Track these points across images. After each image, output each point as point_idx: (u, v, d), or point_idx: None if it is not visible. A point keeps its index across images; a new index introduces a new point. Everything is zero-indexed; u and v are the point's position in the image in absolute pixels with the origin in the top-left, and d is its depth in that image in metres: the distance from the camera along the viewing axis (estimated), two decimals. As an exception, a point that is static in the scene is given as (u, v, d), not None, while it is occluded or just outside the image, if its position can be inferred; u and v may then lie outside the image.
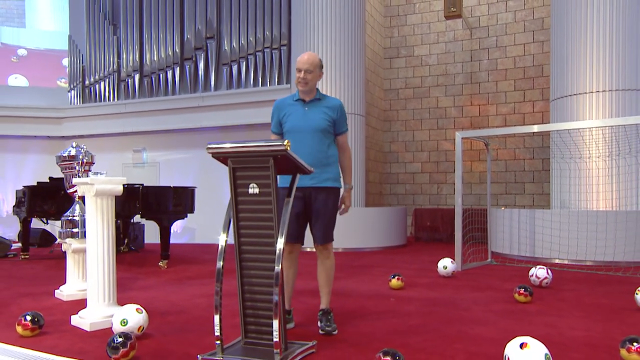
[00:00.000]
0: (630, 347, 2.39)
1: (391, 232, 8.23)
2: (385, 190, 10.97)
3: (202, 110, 9.79)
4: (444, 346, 2.70)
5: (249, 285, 2.53)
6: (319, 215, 3.05)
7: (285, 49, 9.18)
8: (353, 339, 2.84)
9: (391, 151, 10.95)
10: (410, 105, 10.78)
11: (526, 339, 2.21)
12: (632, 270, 5.49)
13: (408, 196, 10.73)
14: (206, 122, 9.78)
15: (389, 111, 10.97)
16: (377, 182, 10.61)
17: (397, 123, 10.90)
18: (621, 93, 6.62)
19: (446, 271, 5.04)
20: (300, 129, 3.01)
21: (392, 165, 10.94)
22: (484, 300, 3.93)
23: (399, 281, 4.42)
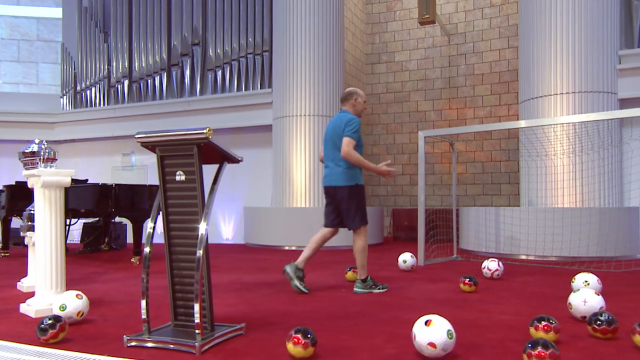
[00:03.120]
0: (538, 326, 2.43)
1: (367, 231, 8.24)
2: (367, 192, 11.01)
3: (188, 114, 9.87)
4: (370, 328, 2.74)
5: (177, 270, 2.58)
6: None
7: (267, 55, 9.27)
8: (286, 323, 2.87)
9: (373, 154, 11.00)
10: (391, 109, 10.84)
11: (431, 317, 2.24)
12: (594, 264, 5.51)
13: (389, 197, 10.76)
14: (192, 125, 9.83)
15: (370, 115, 11.03)
16: (359, 183, 10.64)
17: (379, 126, 10.96)
18: (584, 95, 6.67)
19: (405, 265, 5.07)
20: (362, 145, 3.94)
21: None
22: (432, 291, 3.96)
23: (354, 274, 4.46)
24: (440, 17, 10.20)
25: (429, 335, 2.17)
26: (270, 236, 8.05)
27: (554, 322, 2.43)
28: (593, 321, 2.51)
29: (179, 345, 2.31)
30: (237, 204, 9.69)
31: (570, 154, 6.56)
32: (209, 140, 2.41)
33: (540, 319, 2.45)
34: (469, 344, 2.43)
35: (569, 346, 2.38)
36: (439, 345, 2.16)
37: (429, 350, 2.17)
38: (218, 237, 9.85)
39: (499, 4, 9.90)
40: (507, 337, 2.54)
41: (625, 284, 4.27)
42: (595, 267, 5.34)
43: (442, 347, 2.16)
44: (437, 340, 2.16)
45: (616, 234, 6.04)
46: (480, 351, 2.31)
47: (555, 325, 2.42)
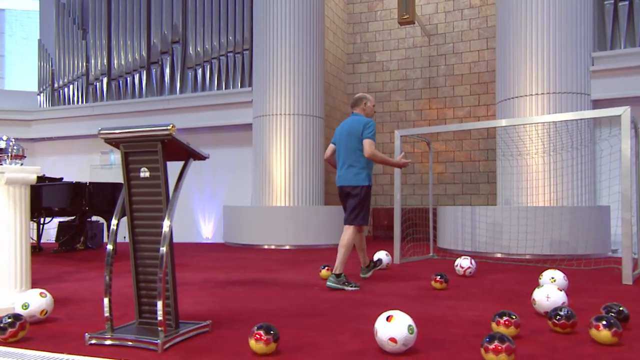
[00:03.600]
0: (499, 321, 2.47)
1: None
2: (349, 191, 11.03)
3: (168, 112, 9.79)
4: (337, 325, 2.75)
5: (142, 267, 2.56)
6: None
7: (248, 53, 9.24)
8: (254, 320, 2.87)
9: (354, 153, 11.03)
10: (372, 109, 10.88)
11: (393, 312, 2.27)
12: (565, 262, 5.60)
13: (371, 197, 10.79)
14: (171, 124, 9.76)
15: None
16: (340, 183, 10.67)
17: (360, 126, 10.98)
18: (558, 95, 6.79)
19: (381, 264, 5.09)
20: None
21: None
22: (404, 288, 3.99)
23: (328, 271, 4.47)
24: (421, 17, 10.28)
25: (390, 330, 2.19)
26: (250, 235, 8.04)
27: (515, 317, 2.47)
28: (553, 316, 2.56)
29: (139, 343, 2.30)
30: (217, 203, 9.65)
31: (545, 154, 6.67)
32: (173, 137, 2.40)
33: (501, 314, 2.49)
34: (432, 339, 2.46)
35: (528, 340, 2.43)
36: (399, 340, 2.18)
37: (390, 346, 2.20)
38: (198, 236, 9.80)
39: (478, 5, 10.01)
40: (470, 332, 2.58)
41: (592, 281, 4.36)
42: (566, 264, 5.44)
43: (403, 342, 2.19)
44: (397, 336, 2.18)
45: (588, 232, 6.16)
46: (441, 345, 2.34)
47: (516, 320, 2.46)
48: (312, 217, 7.92)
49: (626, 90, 6.94)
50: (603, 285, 4.14)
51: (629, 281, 4.19)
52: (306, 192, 8.27)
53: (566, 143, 6.60)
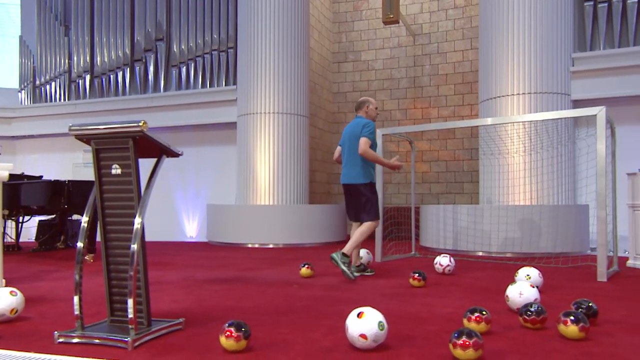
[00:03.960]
0: (470, 317, 2.50)
1: (330, 229, 8.31)
2: (334, 190, 11.06)
3: (151, 110, 9.72)
4: (312, 322, 2.76)
5: (114, 265, 2.54)
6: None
7: (232, 52, 9.21)
8: (229, 318, 2.86)
9: (339, 152, 11.05)
10: (357, 108, 10.91)
11: (364, 309, 2.28)
12: (544, 260, 5.67)
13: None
14: (155, 122, 9.71)
15: (337, 113, 11.09)
16: (324, 182, 10.69)
17: (345, 125, 11.00)
18: (539, 95, 6.87)
19: (362, 261, 5.11)
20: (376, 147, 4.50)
21: (340, 166, 11.02)
22: (383, 286, 4.01)
23: (308, 269, 4.48)
24: (405, 17, 10.33)
25: (360, 326, 2.21)
26: (233, 234, 8.01)
27: (486, 313, 2.50)
28: (523, 312, 2.60)
29: (107, 340, 2.28)
30: (201, 202, 9.61)
31: (525, 153, 6.74)
32: (144, 134, 2.38)
33: (472, 311, 2.51)
34: (404, 335, 2.48)
35: (498, 336, 2.46)
36: (369, 336, 2.19)
37: (361, 342, 2.21)
38: (182, 235, 9.74)
39: (462, 5, 10.08)
40: (443, 329, 2.60)
41: (568, 279, 4.42)
42: (544, 262, 5.51)
43: (373, 339, 2.20)
44: (368, 332, 2.19)
45: (567, 230, 6.24)
46: (413, 342, 2.36)
47: (487, 317, 2.49)
48: (296, 216, 7.92)
49: (605, 90, 7.04)
50: (578, 282, 4.21)
51: (603, 278, 4.26)
52: (290, 190, 8.27)
53: (546, 142, 6.68)
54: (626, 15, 7.04)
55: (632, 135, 7.05)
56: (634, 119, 7.11)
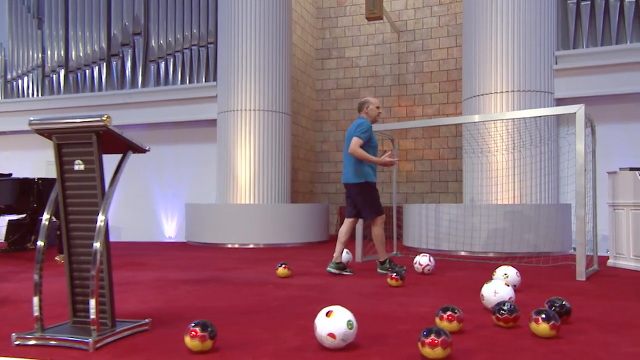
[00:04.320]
0: (443, 316, 2.52)
1: (313, 229, 8.31)
2: (317, 189, 11.07)
3: (128, 107, 9.62)
4: (284, 322, 2.75)
5: (77, 264, 2.51)
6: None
7: (212, 47, 9.15)
8: (197, 317, 2.85)
9: (322, 150, 11.07)
10: (341, 106, 10.94)
11: (333, 308, 2.28)
12: (525, 259, 5.74)
13: (339, 195, 10.85)
14: (133, 119, 9.61)
15: (320, 111, 11.10)
16: (307, 180, 10.69)
17: (329, 123, 11.04)
18: (522, 94, 6.95)
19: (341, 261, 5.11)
20: (376, 146, 4.68)
21: (324, 164, 11.05)
22: (360, 286, 4.03)
23: (285, 269, 4.47)
24: (390, 13, 10.38)
25: (329, 326, 2.21)
26: (213, 234, 7.97)
27: (458, 312, 2.52)
28: (496, 311, 2.62)
29: (67, 342, 2.25)
30: (180, 201, 9.53)
31: (506, 151, 6.82)
32: (108, 128, 2.36)
33: (445, 310, 2.53)
34: (375, 334, 2.49)
35: (470, 335, 2.48)
36: (338, 335, 2.19)
37: (329, 341, 2.21)
38: (160, 235, 9.66)
39: (447, 2, 10.16)
40: (415, 328, 2.62)
41: (547, 278, 4.48)
42: (525, 262, 5.58)
43: (342, 338, 2.20)
44: (336, 331, 2.19)
45: (550, 229, 6.33)
46: (383, 341, 2.37)
47: (459, 315, 2.51)
48: (277, 215, 7.90)
49: (588, 89, 7.15)
50: (557, 281, 4.27)
51: (582, 277, 4.33)
52: (272, 189, 8.25)
53: (529, 141, 6.76)
54: (608, 13, 7.16)
55: (615, 133, 7.18)
56: (616, 117, 7.23)
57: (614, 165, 6.63)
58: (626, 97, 7.17)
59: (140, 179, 9.78)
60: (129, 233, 9.73)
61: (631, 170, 5.13)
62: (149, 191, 9.80)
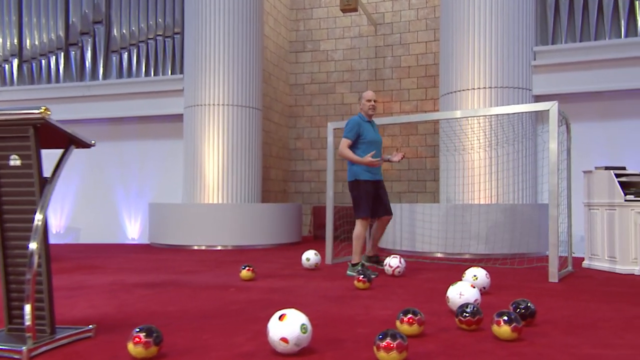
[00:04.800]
0: (403, 319, 2.54)
1: (285, 229, 8.29)
2: (290, 188, 11.05)
3: (88, 100, 9.44)
4: (240, 327, 2.74)
5: (13, 267, 2.44)
6: (384, 197, 4.95)
7: (179, 38, 9.04)
8: (147, 323, 2.80)
9: (296, 148, 11.06)
10: (316, 101, 10.94)
11: (286, 311, 2.27)
12: (500, 261, 5.83)
13: (313, 194, 10.86)
14: (93, 113, 9.44)
15: (294, 107, 11.08)
16: (280, 179, 10.66)
17: (303, 119, 11.02)
18: (500, 90, 7.05)
19: (309, 263, 5.13)
20: (377, 142, 4.85)
21: (297, 162, 11.04)
22: (327, 289, 4.03)
23: (249, 272, 4.45)
24: (366, 5, 10.42)
25: (282, 330, 2.20)
26: (178, 235, 7.87)
27: (419, 315, 2.54)
28: (459, 313, 2.66)
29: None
30: (145, 201, 9.40)
31: (482, 149, 6.91)
32: (47, 121, 2.30)
33: (405, 312, 2.55)
34: (333, 339, 2.49)
35: (430, 338, 2.51)
36: (291, 340, 2.19)
37: (282, 346, 2.20)
38: (123, 237, 9.51)
39: (425, -6, 10.25)
40: (375, 331, 2.63)
41: (520, 279, 4.56)
42: (500, 263, 5.67)
43: (295, 342, 2.20)
44: (289, 335, 2.19)
45: (527, 230, 6.43)
46: (340, 345, 2.38)
47: (420, 318, 2.53)
48: (247, 216, 7.85)
49: (567, 86, 7.29)
50: (529, 283, 4.34)
51: (554, 279, 4.41)
52: (241, 188, 8.20)
53: (506, 138, 6.86)
54: (587, 8, 7.32)
55: (593, 132, 7.34)
56: (595, 115, 7.40)
57: (592, 164, 6.77)
58: (604, 95, 7.34)
59: (102, 177, 9.61)
60: (88, 234, 9.56)
61: (606, 169, 5.26)
62: (111, 190, 9.64)
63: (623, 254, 5.00)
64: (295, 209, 8.72)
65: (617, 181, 5.05)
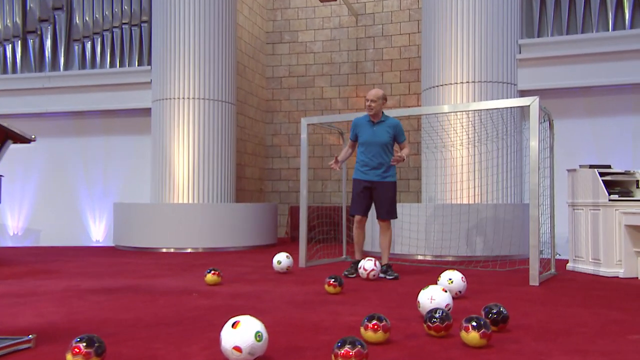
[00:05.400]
0: (368, 325, 2.52)
1: (259, 231, 8.24)
2: (267, 188, 11.00)
3: (48, 92, 9.27)
4: (195, 335, 2.70)
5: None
6: (381, 200, 4.90)
7: (146, 26, 8.93)
8: (95, 331, 2.74)
9: (273, 145, 11.01)
10: (294, 95, 10.90)
11: (240, 318, 2.24)
12: (481, 264, 5.86)
13: (291, 193, 10.82)
14: (54, 106, 9.27)
15: (271, 101, 11.03)
16: (256, 178, 10.61)
17: (280, 114, 10.98)
18: (483, 84, 7.10)
19: (280, 267, 5.10)
20: (370, 143, 4.89)
21: (275, 160, 10.99)
22: (295, 293, 4.00)
23: (214, 276, 4.41)
24: (347, -6, 10.40)
25: (235, 338, 2.17)
26: (145, 237, 7.77)
27: (385, 320, 2.53)
28: (427, 319, 2.65)
29: None
30: (110, 201, 9.26)
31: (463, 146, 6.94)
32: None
33: (370, 318, 2.53)
34: (291, 346, 2.47)
35: (396, 345, 2.49)
36: (244, 349, 2.16)
37: (235, 355, 2.17)
38: (86, 239, 9.38)
39: (409, -16, 10.27)
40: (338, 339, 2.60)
41: (499, 283, 4.59)
42: (481, 266, 5.70)
43: (249, 351, 2.17)
44: (242, 344, 2.16)
45: (510, 231, 6.47)
46: (299, 354, 2.35)
47: (385, 324, 2.51)
48: (218, 216, 7.78)
49: (553, 81, 7.37)
50: (508, 287, 4.37)
51: (535, 282, 4.44)
52: (214, 187, 8.13)
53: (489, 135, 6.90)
54: (574, 0, 7.39)
55: (580, 129, 7.42)
56: (582, 112, 7.49)
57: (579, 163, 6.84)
58: (592, 91, 7.43)
59: (64, 175, 9.46)
60: (49, 237, 9.40)
61: (591, 167, 5.32)
62: (74, 189, 9.49)
63: (607, 256, 5.06)
64: (271, 209, 8.68)
65: (601, 180, 5.11)
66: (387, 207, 4.91)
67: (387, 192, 4.91)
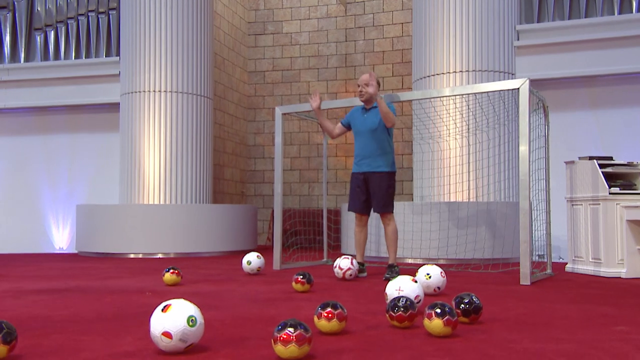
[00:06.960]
0: (321, 313, 2.47)
1: (237, 235, 8.17)
2: (249, 190, 10.95)
3: (8, 86, 9.27)
4: (131, 328, 2.64)
5: None
6: (374, 191, 4.89)
7: (114, 14, 8.94)
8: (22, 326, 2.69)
9: (256, 144, 10.98)
10: (278, 91, 10.89)
11: (172, 301, 2.19)
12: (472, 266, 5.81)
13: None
14: (13, 101, 9.26)
15: (253, 97, 11.02)
16: (237, 180, 10.56)
17: (263, 111, 10.96)
18: (478, 74, 7.08)
19: (250, 267, 5.05)
20: (360, 131, 4.98)
21: (258, 161, 10.96)
22: (261, 292, 3.95)
23: (173, 275, 4.35)
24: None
25: (164, 322, 2.11)
26: (111, 242, 7.68)
27: (341, 308, 2.47)
28: (390, 308, 2.59)
29: None
30: (75, 203, 9.20)
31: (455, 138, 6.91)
32: None
33: (324, 306, 2.48)
34: (234, 336, 2.43)
35: (353, 335, 2.44)
36: (175, 335, 2.09)
37: (165, 342, 2.11)
38: (49, 246, 9.31)
39: (401, -31, 10.31)
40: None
41: (489, 282, 4.55)
42: (472, 268, 5.64)
43: (181, 338, 2.10)
44: (173, 330, 2.09)
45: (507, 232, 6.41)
46: (241, 344, 2.30)
47: (341, 312, 2.46)
48: (193, 219, 7.71)
49: (554, 70, 7.36)
50: (497, 286, 4.32)
51: (526, 281, 4.38)
52: (188, 188, 8.07)
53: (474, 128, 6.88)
54: (576, -18, 7.42)
55: (584, 121, 7.41)
56: (585, 102, 7.48)
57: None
58: (596, 80, 7.43)
59: (25, 176, 9.40)
60: (6, 244, 9.27)
61: (590, 159, 5.28)
62: (36, 191, 9.44)
63: (608, 255, 5.00)
64: (250, 211, 8.62)
65: (600, 172, 5.07)
66: (379, 199, 4.87)
67: (380, 183, 4.85)
